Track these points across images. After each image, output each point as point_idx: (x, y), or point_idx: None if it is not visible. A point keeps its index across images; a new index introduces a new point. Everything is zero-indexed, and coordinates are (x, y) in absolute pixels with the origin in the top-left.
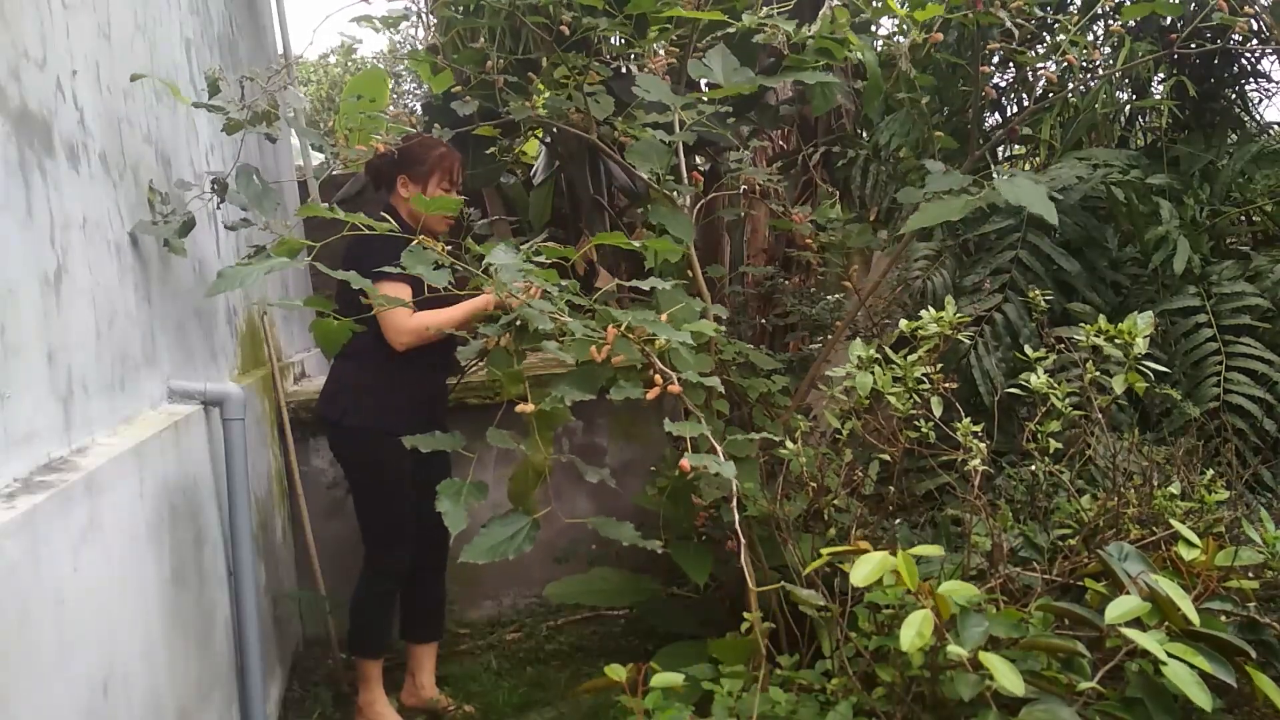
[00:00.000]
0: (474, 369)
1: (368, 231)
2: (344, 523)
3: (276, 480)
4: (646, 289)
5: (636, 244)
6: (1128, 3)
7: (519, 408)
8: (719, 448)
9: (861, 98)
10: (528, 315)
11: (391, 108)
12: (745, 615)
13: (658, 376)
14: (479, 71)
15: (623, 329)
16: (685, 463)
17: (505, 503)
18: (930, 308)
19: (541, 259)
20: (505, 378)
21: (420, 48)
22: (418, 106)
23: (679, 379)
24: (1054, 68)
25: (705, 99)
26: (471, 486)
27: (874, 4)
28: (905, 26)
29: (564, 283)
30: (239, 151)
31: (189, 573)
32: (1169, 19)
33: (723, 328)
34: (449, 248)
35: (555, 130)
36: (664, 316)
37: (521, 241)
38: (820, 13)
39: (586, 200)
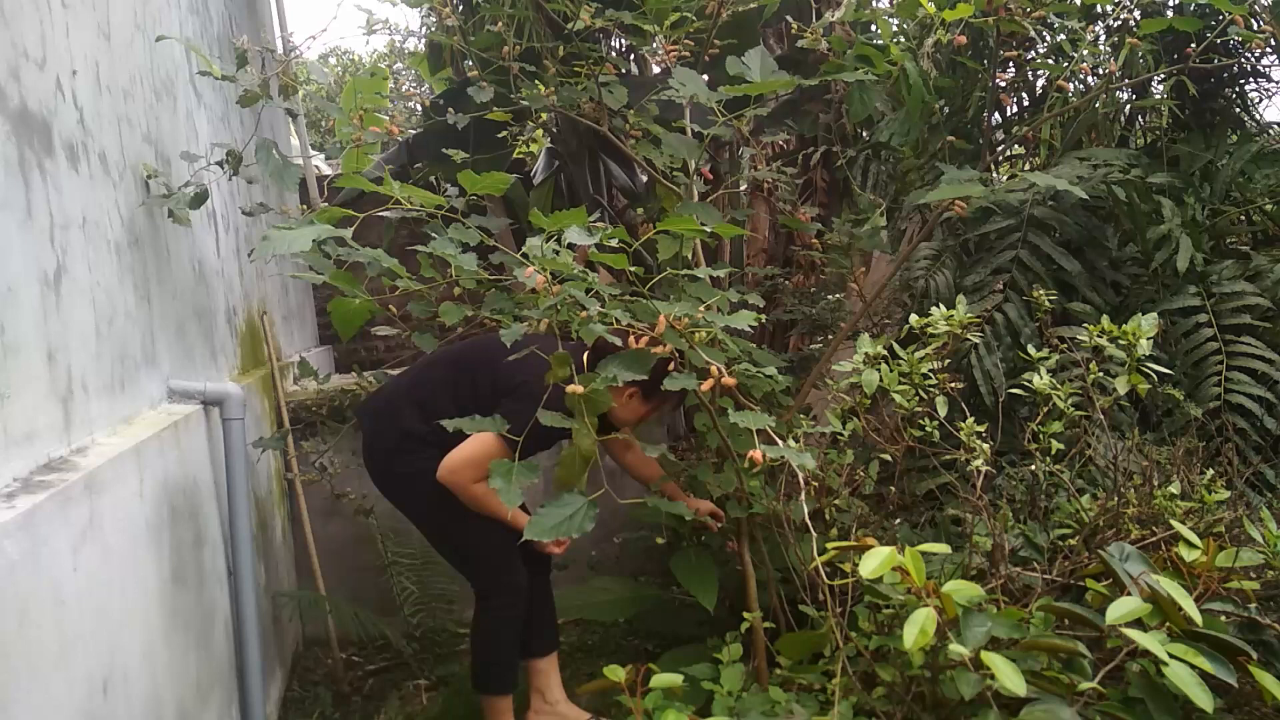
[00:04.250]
0: None
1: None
2: (343, 523)
3: (276, 480)
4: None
5: (706, 228)
6: (1137, 14)
7: (568, 389)
8: (779, 439)
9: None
10: (578, 299)
11: (390, 111)
12: (745, 615)
13: (713, 368)
14: (496, 56)
15: (670, 319)
16: (756, 453)
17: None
18: (939, 305)
19: (613, 243)
20: (554, 360)
21: (420, 49)
22: (417, 108)
23: (730, 370)
24: (1066, 74)
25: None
26: (522, 466)
27: (875, 3)
28: (915, 31)
29: (632, 269)
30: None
31: (189, 572)
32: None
33: (762, 316)
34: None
35: (555, 129)
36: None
37: (592, 222)
38: (845, 1)
39: (587, 200)
